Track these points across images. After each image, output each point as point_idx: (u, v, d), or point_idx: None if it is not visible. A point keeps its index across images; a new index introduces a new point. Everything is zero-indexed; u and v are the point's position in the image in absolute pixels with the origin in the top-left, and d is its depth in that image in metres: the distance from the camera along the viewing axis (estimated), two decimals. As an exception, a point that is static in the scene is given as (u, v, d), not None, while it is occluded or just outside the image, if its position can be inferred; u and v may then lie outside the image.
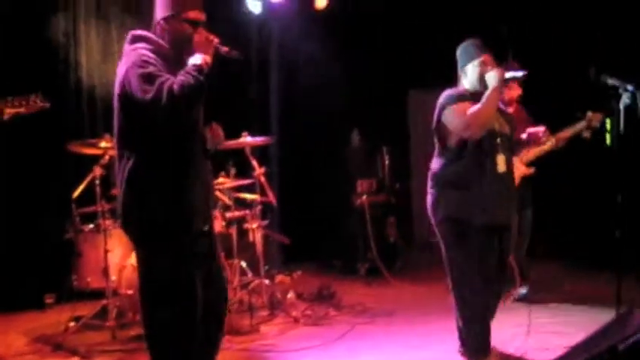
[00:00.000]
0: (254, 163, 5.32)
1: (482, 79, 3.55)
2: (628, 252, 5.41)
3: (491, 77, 3.49)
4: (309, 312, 5.21)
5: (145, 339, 3.03)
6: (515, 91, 5.13)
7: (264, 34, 7.41)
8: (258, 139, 5.46)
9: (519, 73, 3.76)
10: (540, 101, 4.68)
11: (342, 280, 6.56)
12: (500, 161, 3.57)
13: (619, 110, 6.43)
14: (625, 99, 4.67)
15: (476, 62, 3.62)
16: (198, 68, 2.77)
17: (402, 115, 8.48)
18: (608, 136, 7.40)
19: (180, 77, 2.73)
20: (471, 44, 3.69)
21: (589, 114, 3.89)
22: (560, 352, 3.63)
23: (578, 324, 4.45)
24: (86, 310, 4.74)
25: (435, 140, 3.74)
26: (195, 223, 2.93)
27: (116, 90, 2.92)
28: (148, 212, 2.85)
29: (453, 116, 3.52)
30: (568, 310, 5.01)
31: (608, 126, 7.42)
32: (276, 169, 7.26)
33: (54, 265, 5.43)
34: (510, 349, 4.08)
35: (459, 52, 3.74)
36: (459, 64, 3.73)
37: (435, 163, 3.71)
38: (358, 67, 7.89)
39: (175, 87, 2.68)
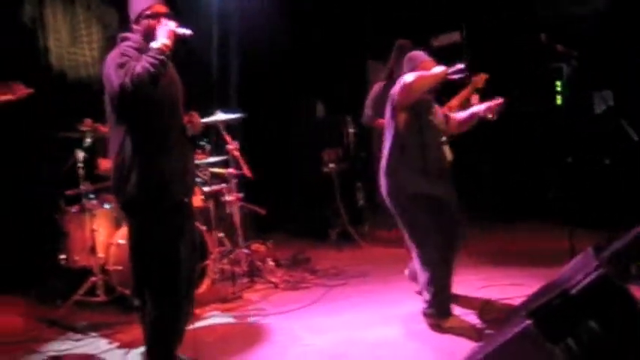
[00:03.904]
0: (227, 138, 5.55)
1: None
2: (577, 208, 5.85)
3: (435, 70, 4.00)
4: (287, 277, 5.52)
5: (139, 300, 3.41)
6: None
7: (225, 9, 7.53)
8: (232, 116, 5.58)
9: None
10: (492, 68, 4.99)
11: (314, 245, 6.88)
12: (448, 152, 4.08)
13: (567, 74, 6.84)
14: (573, 63, 5.04)
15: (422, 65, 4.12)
16: (159, 50, 3.20)
17: (363, 85, 8.75)
18: (558, 97, 7.92)
19: (141, 62, 3.15)
20: (419, 52, 4.25)
21: (473, 78, 4.18)
22: (519, 300, 4.03)
23: (533, 276, 4.80)
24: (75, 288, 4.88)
25: (389, 129, 4.13)
26: (174, 193, 3.33)
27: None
28: (132, 181, 3.26)
29: (400, 84, 4.00)
30: (522, 265, 5.40)
31: (558, 88, 7.91)
32: (242, 142, 7.44)
33: (42, 246, 5.51)
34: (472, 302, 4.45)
35: (406, 58, 4.28)
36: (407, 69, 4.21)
37: (393, 152, 4.09)
38: (319, 41, 8.15)
39: (138, 68, 3.10)
